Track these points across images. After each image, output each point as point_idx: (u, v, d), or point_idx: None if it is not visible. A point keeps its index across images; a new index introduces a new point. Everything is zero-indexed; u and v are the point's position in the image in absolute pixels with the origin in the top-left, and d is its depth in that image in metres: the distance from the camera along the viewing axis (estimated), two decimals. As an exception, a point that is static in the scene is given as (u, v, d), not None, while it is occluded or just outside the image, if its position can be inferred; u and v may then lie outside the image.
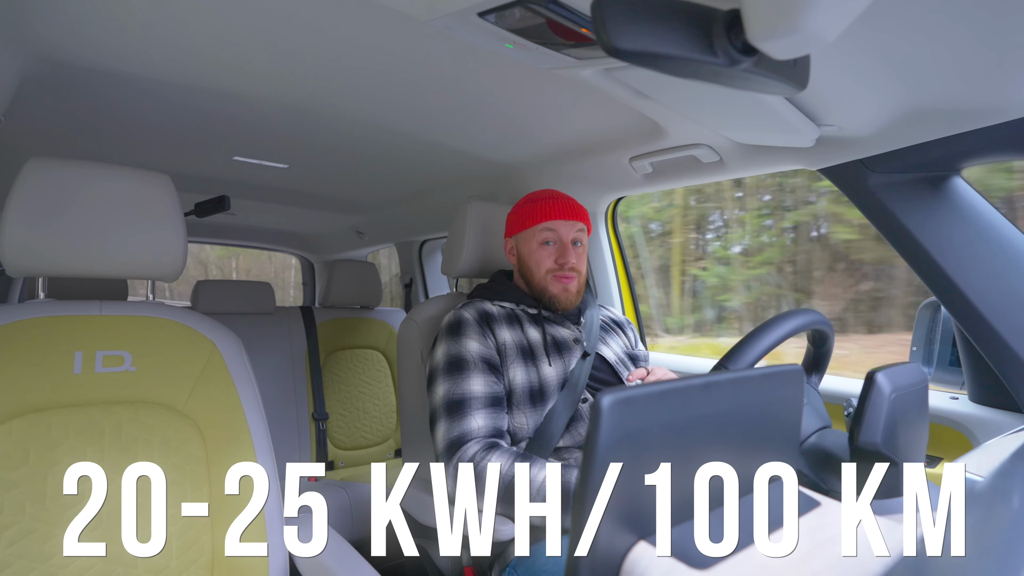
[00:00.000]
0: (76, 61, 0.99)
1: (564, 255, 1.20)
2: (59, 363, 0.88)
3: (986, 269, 1.03)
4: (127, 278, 0.96)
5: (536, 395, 1.12)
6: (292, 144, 1.50)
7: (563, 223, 1.21)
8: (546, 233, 1.21)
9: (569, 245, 1.21)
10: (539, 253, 1.21)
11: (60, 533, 0.82)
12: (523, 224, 1.24)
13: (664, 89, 0.91)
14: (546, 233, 1.21)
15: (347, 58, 0.97)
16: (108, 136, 1.41)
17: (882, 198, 1.10)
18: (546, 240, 1.21)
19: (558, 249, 1.21)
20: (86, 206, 0.89)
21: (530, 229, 1.23)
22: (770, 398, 0.47)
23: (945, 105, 0.89)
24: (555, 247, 1.21)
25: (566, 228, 1.22)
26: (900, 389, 0.82)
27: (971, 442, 1.15)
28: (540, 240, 1.22)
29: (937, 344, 1.26)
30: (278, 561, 0.94)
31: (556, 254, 1.21)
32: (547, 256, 1.21)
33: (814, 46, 0.39)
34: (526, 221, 1.24)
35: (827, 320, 1.08)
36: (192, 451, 0.94)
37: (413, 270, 2.72)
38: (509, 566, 1.00)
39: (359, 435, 2.26)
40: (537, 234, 1.22)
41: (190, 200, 1.97)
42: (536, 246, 1.22)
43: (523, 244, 1.25)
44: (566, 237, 1.22)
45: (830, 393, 1.35)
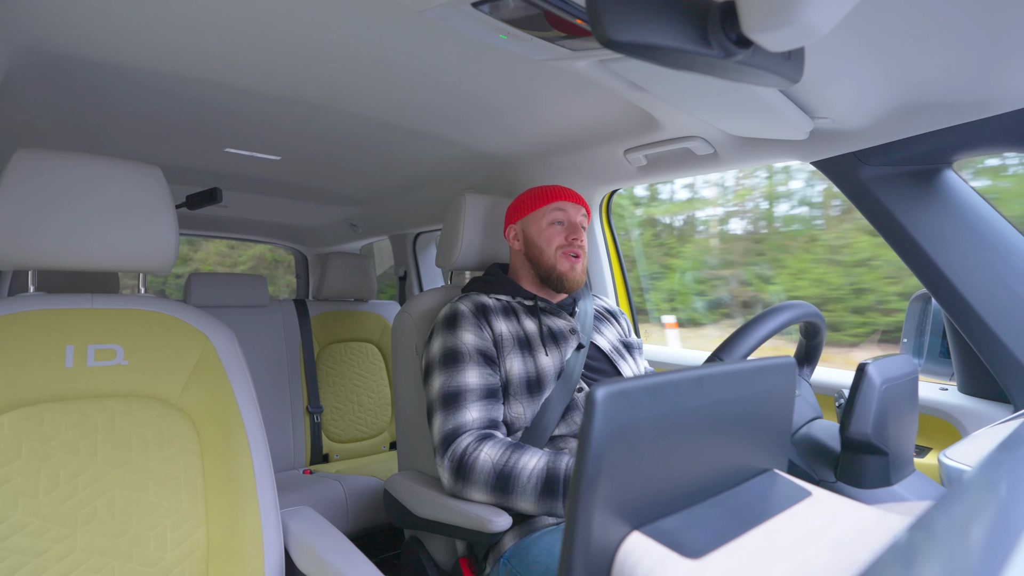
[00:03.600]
0: (64, 51, 0.97)
1: (575, 231, 1.25)
2: (50, 357, 0.87)
3: (976, 262, 1.04)
4: (118, 271, 0.95)
5: (533, 385, 1.13)
6: (285, 136, 1.49)
7: (571, 205, 1.27)
8: (556, 213, 1.26)
9: (578, 225, 1.26)
10: (549, 231, 1.25)
11: (53, 527, 0.81)
12: (532, 206, 1.28)
13: (659, 81, 0.91)
14: (556, 213, 1.26)
15: (340, 49, 0.96)
16: (98, 127, 1.39)
17: (874, 191, 1.10)
18: (556, 220, 1.26)
19: (567, 228, 1.26)
20: (76, 198, 0.88)
21: (540, 210, 1.27)
22: (762, 390, 0.48)
23: (937, 98, 0.90)
24: (564, 227, 1.26)
25: (573, 210, 1.27)
26: (890, 380, 0.83)
27: (960, 432, 1.17)
28: (550, 220, 1.26)
29: (927, 336, 1.28)
30: (273, 553, 0.94)
31: (566, 231, 1.25)
32: (557, 234, 1.25)
33: (808, 38, 0.39)
34: (535, 203, 1.28)
35: (819, 313, 1.08)
36: (186, 444, 0.94)
37: (407, 263, 2.72)
38: (503, 557, 1.01)
39: (354, 428, 2.27)
40: (547, 214, 1.26)
41: (181, 192, 1.96)
42: (546, 225, 1.26)
43: (531, 225, 1.28)
44: (574, 218, 1.27)
45: (821, 385, 1.36)
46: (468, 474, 1.00)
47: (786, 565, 0.36)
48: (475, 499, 1.01)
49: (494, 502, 1.00)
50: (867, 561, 0.28)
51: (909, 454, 0.91)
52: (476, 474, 1.00)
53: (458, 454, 1.02)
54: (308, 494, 1.72)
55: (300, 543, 0.96)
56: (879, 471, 0.85)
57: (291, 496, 1.69)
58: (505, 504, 0.99)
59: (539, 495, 0.95)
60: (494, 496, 0.99)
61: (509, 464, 0.98)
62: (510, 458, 0.99)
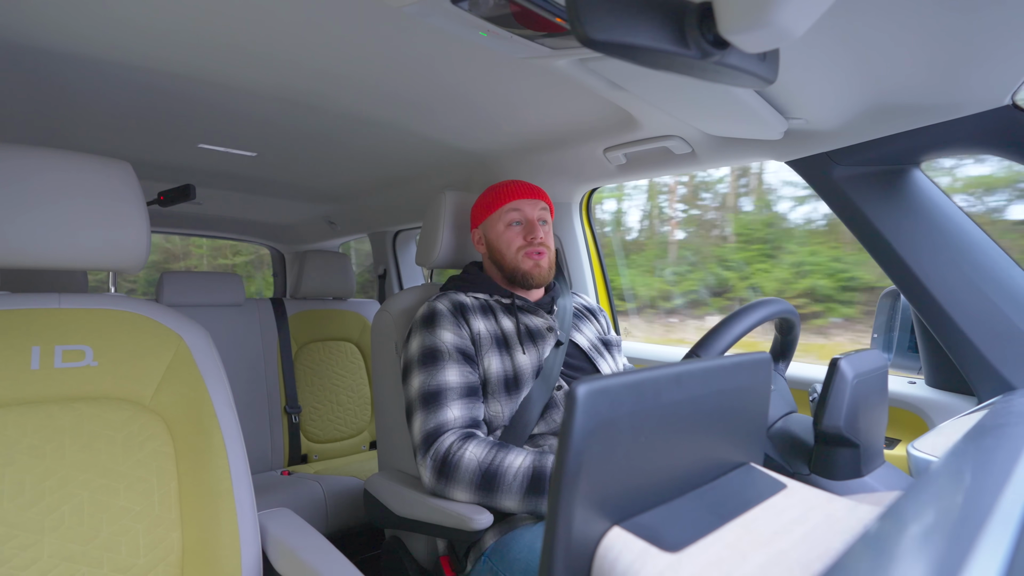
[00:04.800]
0: (30, 41, 0.94)
1: (532, 231, 1.24)
2: (14, 358, 0.84)
3: (942, 259, 1.07)
4: (87, 269, 0.92)
5: (511, 384, 1.13)
6: (260, 131, 1.46)
7: (526, 202, 1.26)
8: (512, 214, 1.25)
9: (536, 222, 1.25)
10: (507, 234, 1.25)
11: (20, 534, 0.79)
12: (488, 210, 1.27)
13: (638, 80, 0.92)
14: (512, 214, 1.25)
15: (318, 44, 0.95)
16: (65, 120, 1.35)
17: (846, 190, 1.13)
18: (513, 220, 1.25)
19: (525, 227, 1.25)
20: (43, 194, 0.85)
21: (496, 213, 1.26)
22: (739, 385, 0.49)
23: (906, 100, 0.92)
24: (522, 226, 1.25)
25: (530, 207, 1.26)
26: (862, 375, 0.85)
27: (927, 424, 1.20)
28: (507, 222, 1.25)
29: (897, 331, 1.32)
30: (251, 556, 0.93)
31: (524, 231, 1.25)
32: (515, 235, 1.25)
33: (783, 40, 0.39)
34: (491, 207, 1.27)
35: (794, 309, 1.11)
36: (159, 447, 0.91)
37: (387, 261, 2.69)
38: (484, 554, 1.01)
39: (333, 428, 2.24)
40: (503, 216, 1.25)
41: (153, 189, 1.91)
42: (503, 228, 1.25)
43: (490, 229, 1.27)
44: (531, 215, 1.26)
45: (796, 379, 1.39)
46: (452, 473, 1.00)
47: (762, 556, 0.37)
48: (458, 498, 1.01)
49: (477, 501, 0.99)
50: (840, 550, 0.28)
51: (879, 446, 0.93)
52: (461, 473, 0.99)
53: (441, 453, 1.02)
54: (286, 495, 1.70)
55: (278, 545, 0.95)
56: (851, 463, 0.87)
57: (269, 498, 1.66)
58: (488, 503, 0.99)
59: (524, 494, 0.96)
60: (478, 495, 0.99)
61: (495, 463, 0.98)
62: (495, 457, 0.99)
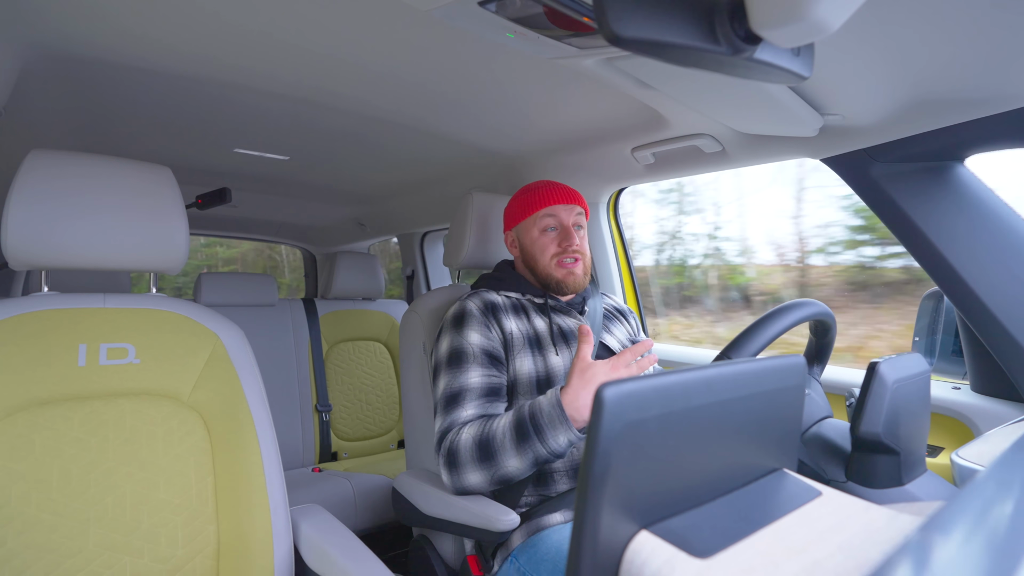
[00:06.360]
0: (76, 54, 0.98)
1: (567, 238, 1.21)
2: (63, 356, 0.88)
3: (989, 259, 1.03)
4: (130, 271, 0.96)
5: (543, 385, 1.12)
6: (293, 136, 1.49)
7: (562, 207, 1.23)
8: (547, 219, 1.22)
9: (571, 228, 1.22)
10: (542, 240, 1.22)
11: (66, 523, 0.82)
12: (523, 214, 1.25)
13: (666, 78, 0.90)
14: (547, 219, 1.22)
15: (347, 49, 0.96)
16: (109, 128, 1.41)
17: (886, 188, 1.09)
18: (548, 226, 1.22)
19: (560, 234, 1.22)
20: (88, 199, 0.89)
21: (530, 218, 1.24)
22: (772, 388, 0.47)
23: (950, 94, 0.88)
24: (557, 232, 1.22)
25: (566, 212, 1.23)
26: (902, 379, 0.82)
27: (973, 432, 1.15)
28: (542, 227, 1.22)
29: (940, 334, 1.26)
30: (283, 550, 0.95)
31: (559, 238, 1.22)
32: (550, 242, 1.22)
33: (819, 34, 0.38)
34: (526, 210, 1.24)
35: (830, 311, 1.08)
36: (196, 442, 0.94)
37: (415, 262, 2.72)
38: (512, 554, 1.01)
39: (362, 426, 2.28)
40: (538, 221, 1.23)
41: (191, 192, 1.97)
42: (538, 234, 1.23)
43: (524, 234, 1.25)
44: (567, 221, 1.23)
45: (832, 383, 1.35)
46: (456, 458, 1.01)
47: (795, 565, 0.36)
48: (472, 483, 1.01)
49: (488, 477, 0.99)
50: (878, 562, 0.27)
51: (921, 454, 0.90)
52: (462, 455, 1.00)
53: (446, 446, 1.03)
54: (317, 492, 1.74)
55: (310, 540, 0.97)
56: (890, 471, 0.84)
57: (300, 493, 1.70)
58: (497, 474, 0.98)
59: (516, 445, 0.95)
60: (483, 469, 0.98)
61: (485, 432, 0.99)
62: (484, 426, 1.00)
